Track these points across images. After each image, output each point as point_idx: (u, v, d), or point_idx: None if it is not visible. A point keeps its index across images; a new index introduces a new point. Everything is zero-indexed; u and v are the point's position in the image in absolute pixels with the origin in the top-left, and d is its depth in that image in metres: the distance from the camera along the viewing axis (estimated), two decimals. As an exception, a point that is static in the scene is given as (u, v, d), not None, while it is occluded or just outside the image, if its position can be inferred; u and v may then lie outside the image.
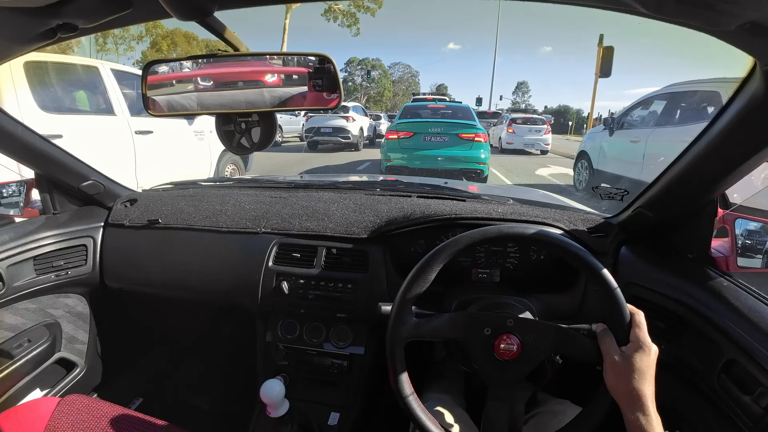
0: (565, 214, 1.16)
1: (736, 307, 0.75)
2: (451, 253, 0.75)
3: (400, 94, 52.44)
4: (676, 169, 0.85)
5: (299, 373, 1.22)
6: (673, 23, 0.49)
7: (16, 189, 1.27)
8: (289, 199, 1.34)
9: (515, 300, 0.94)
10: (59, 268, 1.24)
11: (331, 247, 1.19)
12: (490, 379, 0.73)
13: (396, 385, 0.73)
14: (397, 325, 0.74)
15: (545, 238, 0.74)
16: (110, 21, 0.59)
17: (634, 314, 0.67)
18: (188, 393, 1.61)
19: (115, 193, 1.41)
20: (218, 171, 5.09)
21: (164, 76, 0.75)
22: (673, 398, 0.88)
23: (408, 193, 1.36)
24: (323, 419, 1.16)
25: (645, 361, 0.63)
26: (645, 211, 0.98)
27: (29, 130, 1.08)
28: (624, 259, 1.05)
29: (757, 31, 0.46)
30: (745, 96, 0.63)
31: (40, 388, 1.24)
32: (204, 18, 0.57)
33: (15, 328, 1.17)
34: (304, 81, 0.70)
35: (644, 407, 0.61)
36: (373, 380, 1.23)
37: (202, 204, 1.35)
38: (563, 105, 52.21)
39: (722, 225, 0.87)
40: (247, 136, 0.75)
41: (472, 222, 1.12)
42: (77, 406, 0.90)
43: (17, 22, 0.55)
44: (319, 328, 1.22)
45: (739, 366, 0.72)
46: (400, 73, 55.56)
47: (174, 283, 1.28)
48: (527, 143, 13.66)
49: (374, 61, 50.29)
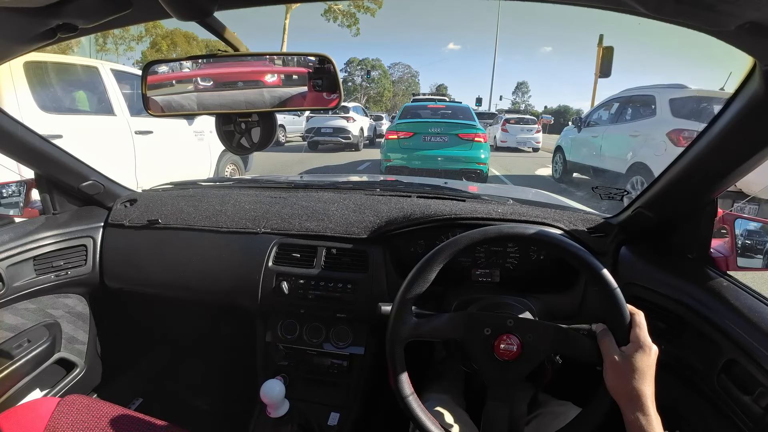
0: (565, 214, 1.16)
1: (736, 307, 0.75)
2: (451, 253, 0.75)
3: (400, 95, 52.31)
4: (676, 169, 0.85)
5: (299, 373, 1.22)
6: (672, 23, 0.49)
7: (16, 189, 1.27)
8: (289, 200, 1.34)
9: (515, 300, 0.94)
10: (59, 268, 1.23)
11: (331, 247, 1.19)
12: (490, 379, 0.73)
13: (396, 385, 0.73)
14: (397, 325, 0.74)
15: (545, 238, 0.74)
16: (110, 21, 0.58)
17: (634, 314, 0.67)
18: (188, 393, 1.61)
19: (114, 193, 1.41)
20: (218, 171, 5.10)
21: (164, 76, 0.75)
22: (673, 398, 0.88)
23: (408, 193, 1.36)
24: (323, 419, 1.16)
25: (645, 361, 0.63)
26: (645, 211, 0.98)
27: (29, 130, 1.08)
28: (624, 259, 1.05)
29: (757, 31, 0.46)
30: (745, 96, 0.63)
31: (40, 388, 1.24)
32: (204, 18, 0.57)
33: (15, 329, 1.17)
34: (304, 81, 0.70)
35: (644, 407, 0.61)
36: (373, 380, 1.23)
37: (201, 204, 1.35)
38: (563, 105, 52.22)
39: (722, 225, 0.87)
40: (247, 136, 0.75)
41: (472, 222, 1.12)
42: (77, 406, 0.90)
43: (17, 22, 0.55)
44: (319, 329, 1.22)
45: (739, 366, 0.72)
46: (400, 73, 55.55)
47: (174, 283, 1.28)
48: (520, 141, 14.72)
49: (374, 61, 50.17)
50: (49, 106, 3.11)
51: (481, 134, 6.17)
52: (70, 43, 12.61)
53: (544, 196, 1.73)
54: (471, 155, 6.00)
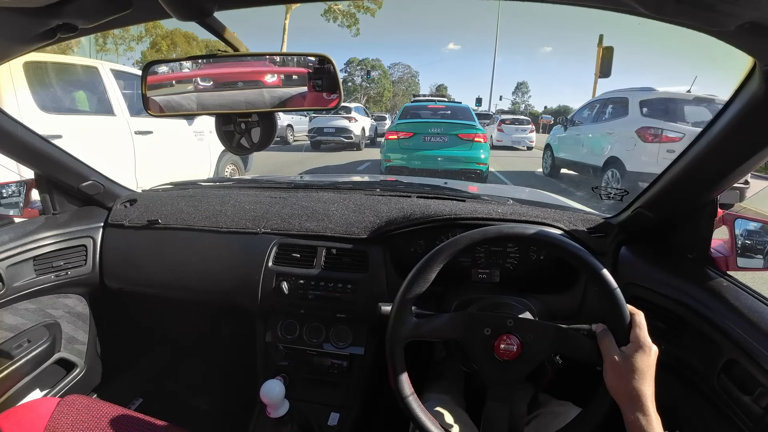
0: (565, 214, 1.16)
1: (736, 308, 0.75)
2: (451, 253, 0.75)
3: (400, 95, 51.98)
4: (676, 169, 0.85)
5: (299, 374, 1.22)
6: (672, 23, 0.49)
7: (16, 189, 1.27)
8: (288, 200, 1.34)
9: (515, 300, 0.94)
10: (59, 269, 1.23)
11: (331, 247, 1.19)
12: (490, 379, 0.73)
13: (396, 386, 0.73)
14: (396, 325, 0.74)
15: (545, 238, 0.74)
16: (110, 21, 0.58)
17: (634, 314, 0.67)
18: (188, 393, 1.61)
19: (114, 193, 1.41)
20: (218, 171, 5.10)
21: (164, 76, 0.75)
22: (673, 398, 0.88)
23: (408, 193, 1.36)
24: (323, 419, 1.16)
25: (645, 361, 0.63)
26: (645, 211, 0.98)
27: (29, 130, 1.08)
28: (624, 259, 1.05)
29: (757, 31, 0.46)
30: (745, 96, 0.63)
31: (40, 388, 1.24)
32: (204, 18, 0.57)
33: (15, 329, 1.17)
34: (304, 81, 0.70)
35: (644, 407, 0.61)
36: (372, 380, 1.23)
37: (201, 204, 1.35)
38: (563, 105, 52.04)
39: (722, 225, 0.87)
40: (247, 136, 0.75)
41: (472, 222, 1.12)
42: (77, 406, 0.90)
43: (17, 22, 0.55)
44: (318, 329, 1.22)
45: (739, 366, 0.72)
46: (400, 73, 55.26)
47: (174, 284, 1.28)
48: (515, 141, 15.82)
49: (374, 62, 49.99)
50: (48, 106, 3.10)
51: (481, 134, 6.18)
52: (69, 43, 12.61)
53: (544, 196, 1.73)
54: (471, 155, 6.01)
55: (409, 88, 53.94)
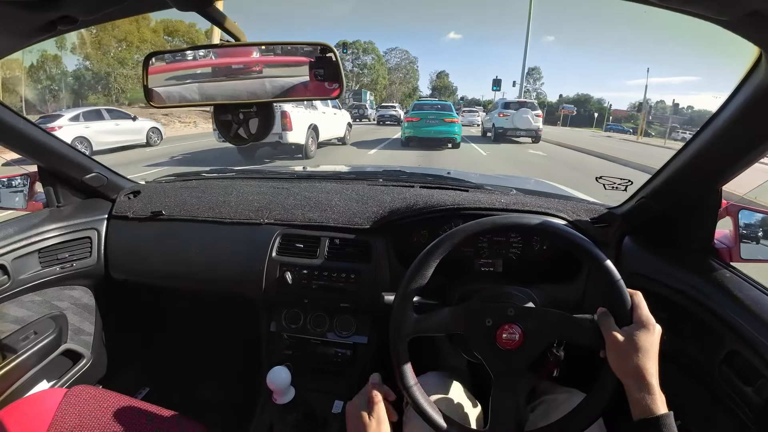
0: (569, 204, 1.15)
1: (739, 299, 0.75)
2: (455, 242, 0.75)
3: (397, 83, 49.19)
4: (680, 159, 0.84)
5: (303, 363, 1.23)
6: (678, 12, 0.49)
7: (20, 182, 1.27)
8: (291, 190, 1.34)
9: (518, 290, 0.93)
10: (64, 261, 1.24)
11: (334, 237, 1.19)
12: (495, 369, 0.74)
13: (400, 378, 0.73)
14: (399, 323, 0.74)
15: (548, 228, 0.74)
16: (110, 12, 0.58)
17: (633, 295, 0.67)
18: (194, 382, 1.63)
19: (118, 185, 1.41)
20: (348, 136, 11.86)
21: (165, 67, 0.74)
22: (675, 388, 0.88)
23: (410, 183, 1.36)
24: (327, 407, 1.17)
25: (648, 338, 0.63)
26: (649, 202, 0.98)
27: (31, 123, 1.08)
28: (627, 249, 1.05)
29: (763, 21, 0.46)
30: (750, 86, 0.62)
31: (47, 379, 1.25)
32: (203, 8, 0.57)
33: (21, 321, 1.18)
34: (306, 71, 0.70)
35: (649, 385, 0.60)
36: (376, 369, 1.24)
37: (205, 195, 1.35)
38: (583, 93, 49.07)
39: (726, 216, 0.87)
40: (245, 126, 0.75)
41: (475, 212, 1.12)
42: (84, 396, 0.91)
43: (18, 15, 0.54)
44: (322, 318, 1.23)
45: (740, 357, 0.72)
46: (397, 59, 51.61)
47: (178, 274, 1.29)
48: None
49: (366, 44, 46.40)
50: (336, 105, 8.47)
51: (456, 119, 12.09)
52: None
53: (547, 186, 1.72)
54: (451, 130, 11.87)
55: (407, 75, 51.08)
